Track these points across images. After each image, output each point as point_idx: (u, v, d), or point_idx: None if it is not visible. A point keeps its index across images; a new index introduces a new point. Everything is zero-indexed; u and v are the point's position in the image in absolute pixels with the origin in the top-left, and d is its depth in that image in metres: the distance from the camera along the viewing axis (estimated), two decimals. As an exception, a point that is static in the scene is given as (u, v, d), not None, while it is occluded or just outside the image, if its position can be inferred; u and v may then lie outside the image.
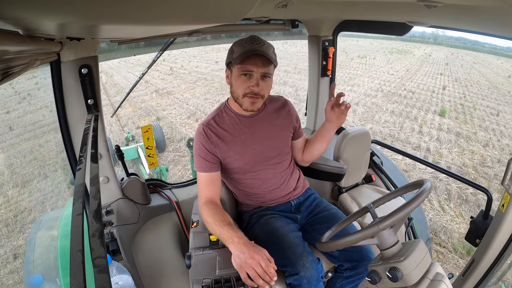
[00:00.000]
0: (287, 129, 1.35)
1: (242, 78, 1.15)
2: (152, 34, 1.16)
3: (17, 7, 0.35)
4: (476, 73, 16.89)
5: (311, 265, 1.10)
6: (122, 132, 6.29)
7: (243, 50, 1.12)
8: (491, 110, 9.19)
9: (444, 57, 24.83)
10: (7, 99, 8.61)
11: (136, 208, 1.52)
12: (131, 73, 13.95)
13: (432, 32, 45.44)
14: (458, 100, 10.18)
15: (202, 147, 1.23)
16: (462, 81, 13.92)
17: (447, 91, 11.48)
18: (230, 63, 1.19)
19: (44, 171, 4.71)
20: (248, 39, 1.15)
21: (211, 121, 1.26)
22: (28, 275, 1.48)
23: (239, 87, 1.17)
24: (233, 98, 1.24)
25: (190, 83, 11.83)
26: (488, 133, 7.07)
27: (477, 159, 5.65)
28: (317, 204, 1.41)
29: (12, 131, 6.54)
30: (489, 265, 1.31)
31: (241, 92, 1.17)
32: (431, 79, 13.73)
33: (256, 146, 1.27)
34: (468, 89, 12.21)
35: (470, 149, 6.09)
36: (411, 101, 9.69)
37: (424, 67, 17.79)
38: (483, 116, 8.44)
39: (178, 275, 1.28)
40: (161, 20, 0.57)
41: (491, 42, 39.55)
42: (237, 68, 1.15)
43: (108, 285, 0.43)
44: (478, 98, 10.77)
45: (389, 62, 19.50)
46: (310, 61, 2.02)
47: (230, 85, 1.23)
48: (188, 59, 19.33)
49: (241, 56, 1.12)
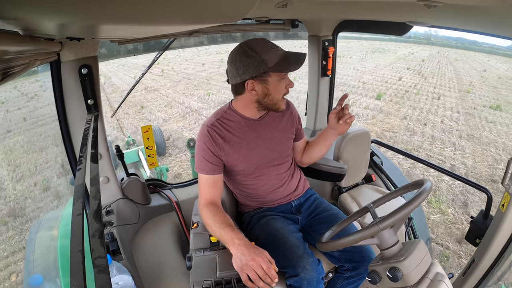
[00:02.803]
0: (289, 131, 1.35)
1: (282, 82, 1.15)
2: (152, 34, 1.16)
3: (17, 7, 0.35)
4: (450, 68, 17.90)
5: (311, 266, 1.10)
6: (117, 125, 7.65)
7: (280, 57, 1.11)
8: (433, 95, 10.59)
9: (427, 55, 25.45)
10: (16, 99, 9.96)
11: (136, 208, 1.52)
12: (127, 75, 15.66)
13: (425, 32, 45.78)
14: (407, 88, 11.65)
15: (207, 149, 1.19)
16: (425, 73, 15.22)
17: (401, 81, 13.02)
18: (261, 74, 1.11)
19: (55, 143, 6.14)
20: (267, 44, 1.12)
21: (215, 123, 1.22)
22: (28, 275, 1.48)
23: (280, 92, 1.17)
24: (266, 106, 1.20)
25: (174, 82, 13.72)
26: (415, 111, 8.62)
27: (385, 127, 7.26)
28: (317, 204, 1.41)
29: (25, 121, 7.82)
30: (489, 265, 1.31)
31: (282, 94, 1.18)
32: (393, 73, 15.13)
33: (260, 149, 1.27)
34: (426, 80, 13.55)
35: (385, 121, 7.64)
36: (358, 89, 11.16)
37: (396, 64, 18.81)
38: (422, 99, 9.94)
39: (178, 275, 1.28)
40: (161, 20, 0.57)
41: (489, 42, 39.67)
42: (277, 75, 1.13)
43: (108, 285, 0.43)
44: (430, 86, 12.06)
45: (362, 60, 20.38)
46: (310, 61, 2.02)
47: (262, 96, 1.16)
48: (180, 62, 20.86)
49: (282, 63, 1.10)
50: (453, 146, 6.28)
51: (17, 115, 8.38)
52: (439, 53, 27.87)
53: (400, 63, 19.26)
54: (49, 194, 4.27)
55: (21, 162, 5.38)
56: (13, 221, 3.42)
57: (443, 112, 8.66)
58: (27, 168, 5.10)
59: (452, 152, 5.99)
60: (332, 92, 2.14)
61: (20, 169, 5.08)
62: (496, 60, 24.27)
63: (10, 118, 8.15)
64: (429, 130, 7.10)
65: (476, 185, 1.54)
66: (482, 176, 4.88)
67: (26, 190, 4.40)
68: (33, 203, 3.96)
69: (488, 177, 4.82)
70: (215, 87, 11.93)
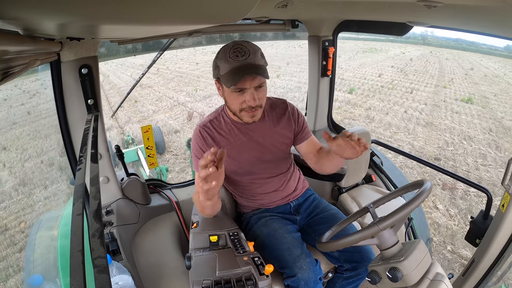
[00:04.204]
0: (286, 136, 1.30)
1: (235, 95, 1.09)
2: (152, 34, 1.16)
3: (17, 7, 0.35)
4: (436, 66, 18.34)
5: (308, 267, 1.09)
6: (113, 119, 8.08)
7: (230, 68, 1.04)
8: (407, 89, 11.17)
9: (419, 54, 25.75)
10: (18, 96, 10.51)
11: (136, 208, 1.52)
12: (125, 74, 16.94)
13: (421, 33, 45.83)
14: (383, 84, 12.21)
15: (199, 149, 1.23)
16: (408, 71, 15.86)
17: (380, 78, 13.50)
18: (217, 78, 1.13)
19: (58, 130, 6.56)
20: (231, 50, 1.05)
21: (208, 124, 1.25)
22: (28, 275, 1.48)
23: (234, 103, 1.12)
24: (230, 111, 1.19)
25: (167, 80, 14.77)
26: (382, 103, 9.23)
27: (347, 115, 7.86)
28: (316, 204, 1.41)
29: (30, 115, 8.39)
30: (489, 265, 1.31)
31: (238, 108, 1.12)
32: (376, 71, 15.56)
33: (252, 152, 1.26)
34: (406, 76, 14.17)
35: (350, 111, 8.26)
36: (335, 85, 11.68)
37: (382, 62, 19.27)
38: (393, 93, 10.54)
39: (178, 275, 1.28)
40: (161, 20, 0.57)
41: (488, 43, 39.70)
42: (228, 87, 1.07)
43: (108, 285, 0.43)
44: (407, 82, 12.63)
45: (350, 59, 20.75)
46: (310, 61, 2.02)
47: (224, 99, 1.17)
48: (175, 61, 21.84)
49: (229, 77, 1.04)
50: (407, 131, 6.73)
51: (21, 110, 8.86)
52: (432, 53, 28.14)
53: (387, 62, 19.71)
54: (53, 168, 5.10)
55: (28, 147, 5.95)
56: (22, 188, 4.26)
57: (410, 104, 9.14)
58: (34, 151, 5.71)
59: (405, 136, 6.44)
60: (332, 92, 2.15)
61: (27, 152, 5.71)
62: (489, 60, 24.48)
63: (15, 112, 8.65)
64: (389, 119, 7.55)
65: (476, 185, 1.54)
66: (426, 155, 5.39)
67: (33, 166, 5.15)
68: (40, 174, 4.85)
69: (432, 156, 5.34)
70: (204, 83, 12.72)
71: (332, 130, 2.27)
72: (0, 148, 5.74)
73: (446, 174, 1.78)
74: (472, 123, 7.52)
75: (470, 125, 7.35)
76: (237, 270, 0.97)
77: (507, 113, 8.68)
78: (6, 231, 3.23)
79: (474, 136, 6.59)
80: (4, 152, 5.62)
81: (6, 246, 3.04)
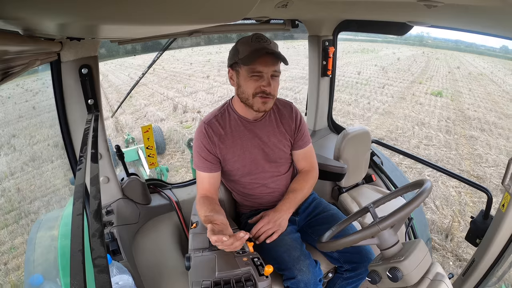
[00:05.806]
0: (286, 138, 1.31)
1: (252, 79, 1.12)
2: (152, 34, 1.16)
3: (17, 7, 0.35)
4: (422, 65, 18.68)
5: (308, 268, 1.09)
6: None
7: (251, 50, 1.08)
8: (379, 85, 11.66)
9: (410, 55, 25.82)
10: (21, 94, 10.86)
11: (136, 208, 1.52)
12: (123, 74, 17.66)
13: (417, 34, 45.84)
14: (358, 80, 12.72)
15: (203, 147, 1.22)
16: (388, 69, 16.61)
17: (359, 75, 14.01)
18: (235, 64, 1.15)
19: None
20: (253, 36, 1.11)
21: (212, 120, 1.24)
22: (28, 275, 1.48)
23: (249, 87, 1.13)
24: (241, 99, 1.19)
25: (161, 78, 15.49)
26: (349, 96, 9.79)
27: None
28: (316, 205, 1.40)
29: (35, 109, 8.82)
30: (489, 265, 1.31)
31: (252, 92, 1.13)
32: (357, 69, 16.14)
33: (255, 150, 1.26)
34: (386, 74, 14.77)
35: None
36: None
37: (367, 62, 19.58)
38: (365, 88, 11.08)
39: (178, 275, 1.28)
40: (161, 20, 0.57)
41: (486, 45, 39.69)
42: (246, 69, 1.11)
43: (108, 285, 0.43)
44: (383, 79, 13.12)
45: (338, 59, 21.00)
46: (310, 61, 2.02)
47: (236, 87, 1.19)
48: (171, 62, 22.48)
49: (250, 56, 1.08)
50: (362, 118, 7.10)
51: (26, 105, 9.23)
52: (424, 53, 28.12)
53: (373, 61, 19.94)
54: (58, 148, 5.56)
55: (36, 134, 6.55)
56: (32, 163, 5.03)
57: (377, 97, 9.55)
58: (41, 137, 6.34)
59: (359, 122, 6.79)
60: (333, 92, 2.15)
61: (35, 138, 6.32)
62: (482, 60, 24.47)
63: (20, 108, 8.99)
64: (351, 108, 7.91)
65: (476, 185, 1.54)
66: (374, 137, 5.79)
67: (42, 147, 5.82)
68: (48, 152, 5.59)
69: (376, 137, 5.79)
70: (193, 81, 13.71)
71: (332, 130, 2.27)
72: (10, 136, 6.25)
73: (447, 174, 1.78)
74: (432, 112, 7.90)
75: (429, 114, 7.72)
76: (236, 271, 0.97)
77: (474, 105, 9.14)
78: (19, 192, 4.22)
79: (428, 123, 6.88)
80: (14, 139, 6.12)
81: (19, 201, 4.03)
